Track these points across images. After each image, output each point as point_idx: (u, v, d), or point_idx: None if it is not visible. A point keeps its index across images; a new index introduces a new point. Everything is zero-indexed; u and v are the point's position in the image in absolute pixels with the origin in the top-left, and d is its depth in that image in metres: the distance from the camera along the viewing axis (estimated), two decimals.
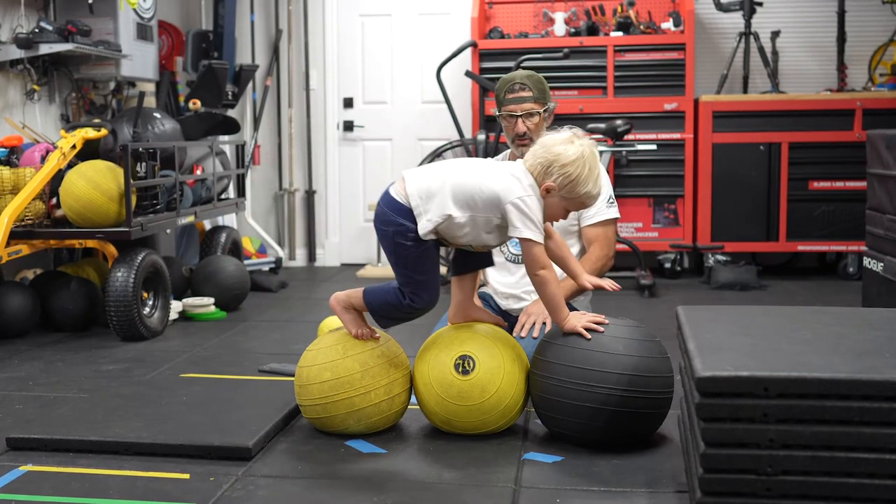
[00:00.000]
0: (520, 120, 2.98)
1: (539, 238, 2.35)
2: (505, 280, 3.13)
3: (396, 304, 2.45)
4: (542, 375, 2.39)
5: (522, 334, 2.85)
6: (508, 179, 2.37)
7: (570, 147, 2.35)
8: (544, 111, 3.02)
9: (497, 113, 3.07)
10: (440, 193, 2.37)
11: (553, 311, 2.42)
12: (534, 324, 2.87)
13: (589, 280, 2.55)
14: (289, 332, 4.06)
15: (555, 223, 3.03)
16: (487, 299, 3.17)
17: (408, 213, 2.39)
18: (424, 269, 2.41)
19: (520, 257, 3.11)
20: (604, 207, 3.04)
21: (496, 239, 2.45)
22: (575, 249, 3.10)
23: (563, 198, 2.38)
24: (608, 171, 5.24)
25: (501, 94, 3.03)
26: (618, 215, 3.09)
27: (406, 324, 2.56)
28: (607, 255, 3.03)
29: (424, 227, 2.37)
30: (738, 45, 5.64)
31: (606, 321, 2.38)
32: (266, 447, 2.42)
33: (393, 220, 2.40)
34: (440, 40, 6.03)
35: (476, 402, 2.41)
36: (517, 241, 3.10)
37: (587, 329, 2.34)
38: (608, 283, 2.53)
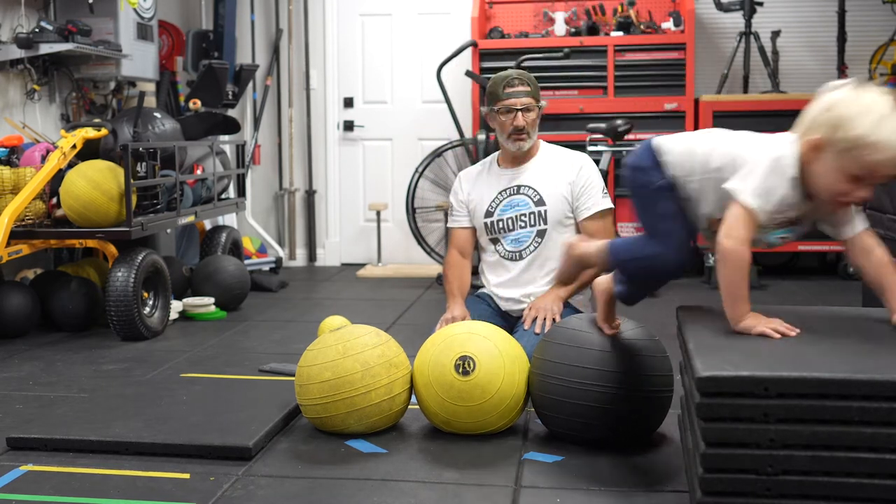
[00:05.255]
0: (520, 113, 3.01)
1: (753, 204, 1.86)
2: (500, 279, 3.12)
3: (640, 254, 2.18)
4: (542, 375, 2.39)
5: (535, 330, 2.84)
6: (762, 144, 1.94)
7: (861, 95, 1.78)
8: (538, 108, 3.07)
9: (491, 109, 3.07)
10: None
11: (728, 301, 1.92)
12: (542, 319, 2.87)
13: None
14: (289, 332, 4.06)
15: (554, 212, 3.02)
16: (486, 299, 3.16)
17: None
18: (665, 214, 2.10)
19: (516, 254, 3.08)
20: (599, 198, 3.04)
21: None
22: None
23: (840, 152, 1.77)
24: (608, 171, 5.24)
25: (499, 90, 3.03)
26: (613, 206, 3.10)
27: (406, 324, 2.55)
28: None
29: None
30: (738, 44, 5.64)
31: (794, 332, 1.89)
32: (266, 447, 2.42)
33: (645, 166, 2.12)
34: (440, 40, 6.03)
35: (476, 403, 2.41)
36: (511, 238, 3.07)
37: (776, 331, 1.87)
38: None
